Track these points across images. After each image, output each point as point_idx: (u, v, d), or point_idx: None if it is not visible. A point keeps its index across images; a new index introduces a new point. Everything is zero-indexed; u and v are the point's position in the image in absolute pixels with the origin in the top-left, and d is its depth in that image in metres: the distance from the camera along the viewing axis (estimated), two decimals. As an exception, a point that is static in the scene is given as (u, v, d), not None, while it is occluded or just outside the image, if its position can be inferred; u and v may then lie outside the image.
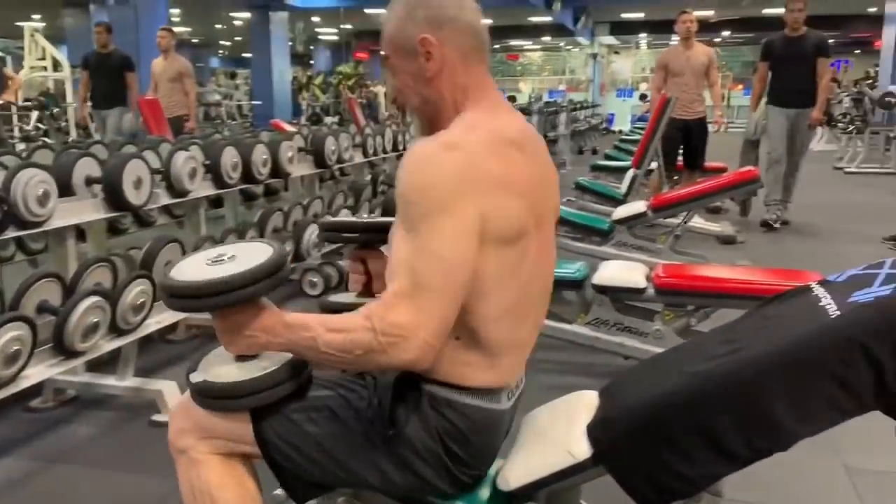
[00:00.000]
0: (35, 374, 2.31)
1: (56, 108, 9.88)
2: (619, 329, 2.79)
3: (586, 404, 1.28)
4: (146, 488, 2.12)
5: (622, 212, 4.29)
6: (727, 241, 5.07)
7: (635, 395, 1.23)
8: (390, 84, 1.30)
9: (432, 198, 1.10)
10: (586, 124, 13.12)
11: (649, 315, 2.81)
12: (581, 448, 1.21)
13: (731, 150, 6.86)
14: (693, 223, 4.81)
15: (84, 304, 2.36)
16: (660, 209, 4.16)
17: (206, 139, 4.70)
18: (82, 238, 3.27)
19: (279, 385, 1.23)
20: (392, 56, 1.27)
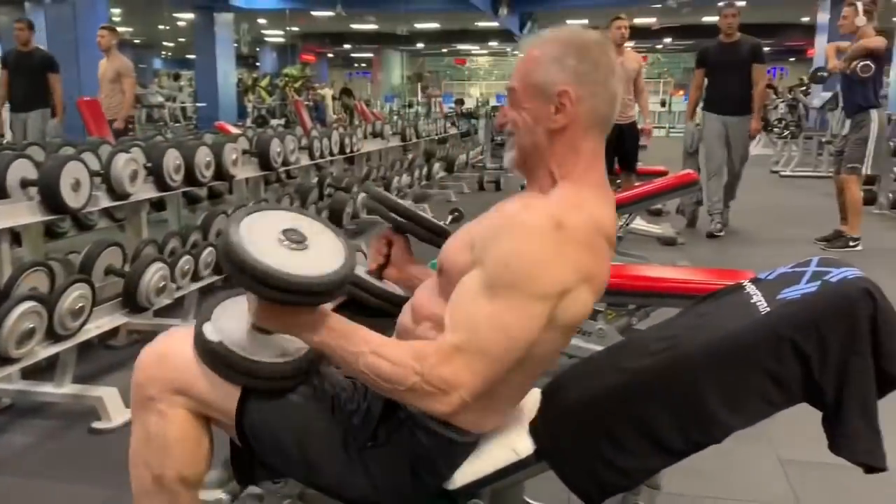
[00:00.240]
0: (-33, 382, 2.23)
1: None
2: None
3: (529, 402, 1.30)
4: (86, 498, 2.07)
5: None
6: (668, 242, 5.19)
7: (576, 392, 1.25)
8: (505, 111, 1.28)
9: (528, 276, 1.09)
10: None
11: (593, 314, 2.85)
12: (524, 445, 1.23)
13: (674, 154, 7.02)
14: (635, 225, 4.91)
15: (18, 310, 2.29)
16: None
17: (148, 141, 4.61)
18: (18, 242, 3.18)
19: (296, 377, 1.21)
20: (522, 90, 1.23)
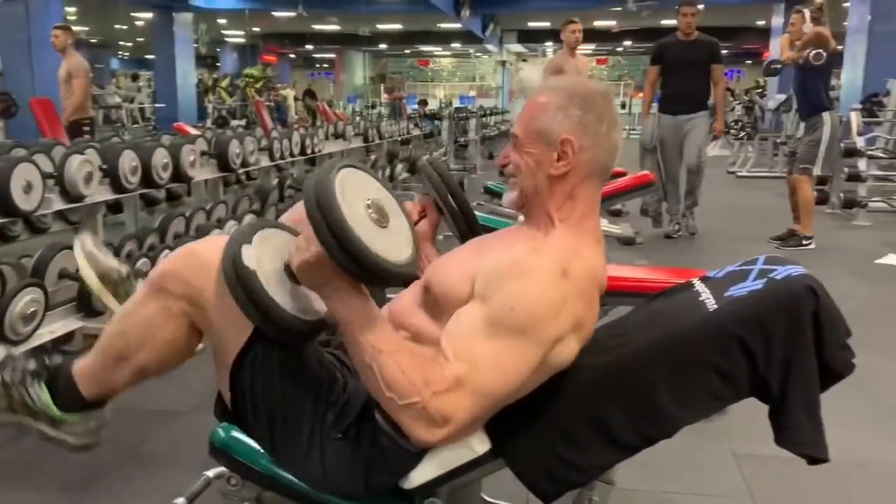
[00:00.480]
0: (-86, 390, 2.17)
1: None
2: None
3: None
4: (39, 506, 2.03)
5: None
6: (627, 242, 5.25)
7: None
8: (508, 153, 1.30)
9: (531, 321, 1.11)
10: (496, 130, 13.33)
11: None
12: (480, 443, 1.24)
13: (634, 155, 7.09)
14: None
15: (-32, 315, 2.25)
16: None
17: (104, 142, 4.53)
18: (-33, 246, 3.11)
19: (306, 338, 1.18)
20: (525, 135, 1.25)
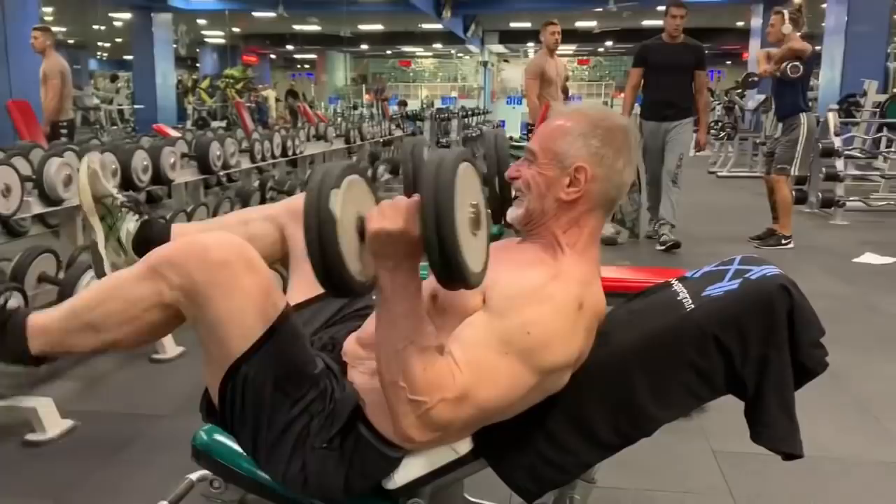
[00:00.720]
0: None
1: None
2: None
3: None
4: (20, 511, 2.02)
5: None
6: (609, 242, 5.28)
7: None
8: (520, 168, 1.29)
9: (543, 347, 1.11)
10: (478, 131, 13.36)
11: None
12: (463, 443, 1.25)
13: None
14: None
15: (-53, 320, 2.22)
16: None
17: (83, 145, 4.50)
18: (-56, 250, 3.08)
19: (348, 295, 1.13)
20: (542, 153, 1.25)
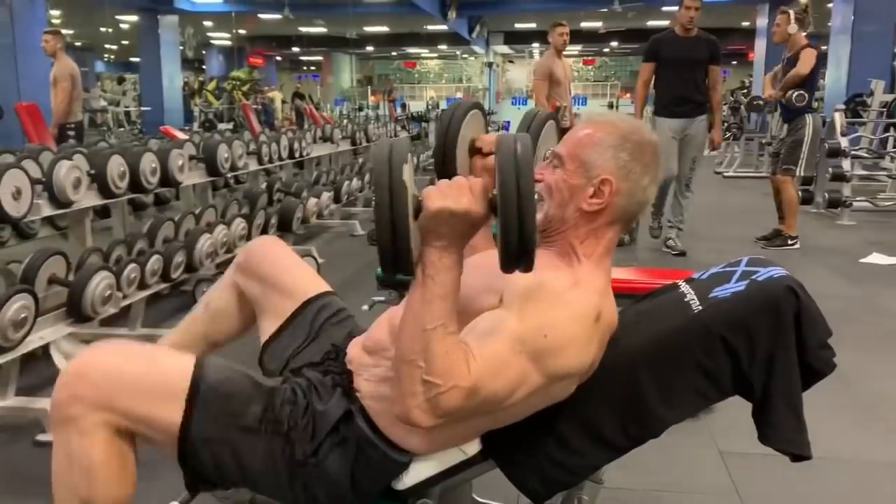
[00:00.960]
0: None
1: None
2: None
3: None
4: (31, 511, 2.03)
5: None
6: (617, 243, 5.29)
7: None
8: (543, 171, 1.26)
9: (556, 351, 1.10)
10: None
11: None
12: (471, 444, 1.26)
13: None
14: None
15: (-41, 322, 2.25)
16: None
17: (91, 147, 4.53)
18: (-45, 252, 3.11)
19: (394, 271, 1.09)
20: (569, 159, 1.23)
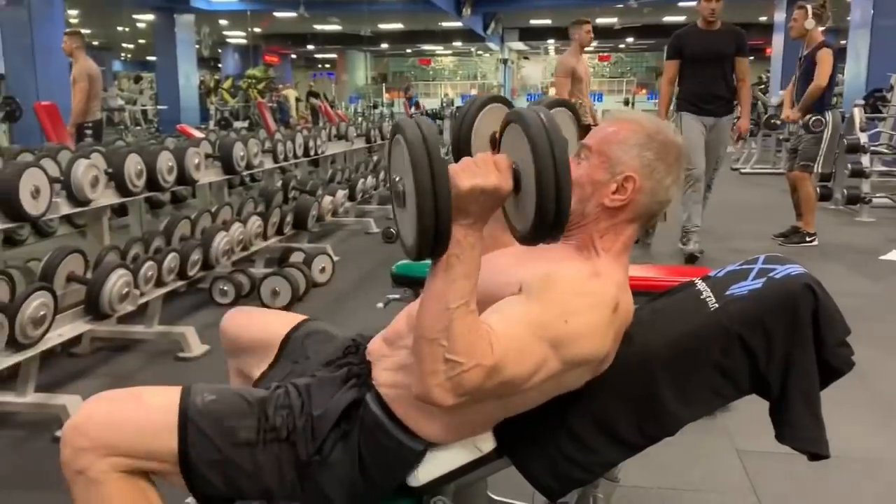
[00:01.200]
0: (-74, 393, 2.20)
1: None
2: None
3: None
4: (51, 507, 2.06)
5: None
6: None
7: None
8: (572, 159, 1.23)
9: (576, 338, 1.11)
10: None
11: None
12: (486, 442, 1.26)
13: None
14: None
15: (-21, 319, 2.28)
16: None
17: (109, 146, 4.57)
18: (-24, 250, 3.14)
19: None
20: (598, 154, 1.25)
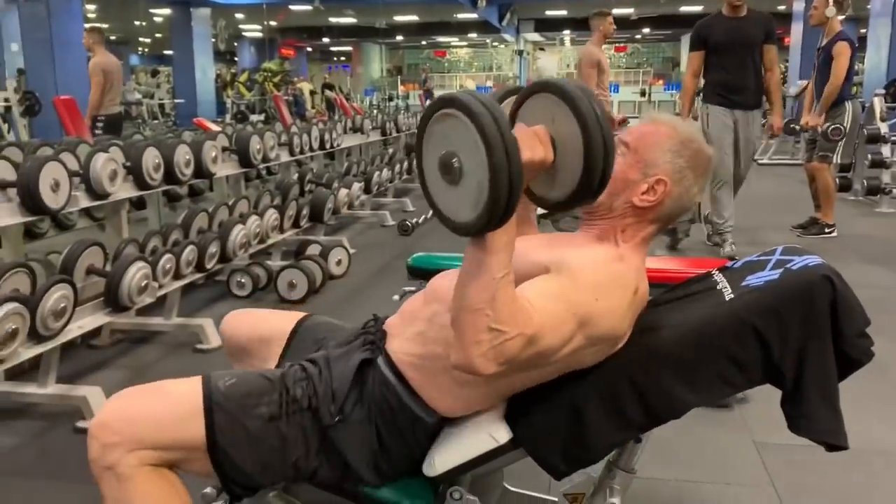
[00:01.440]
0: (-50, 384, 2.24)
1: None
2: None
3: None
4: (72, 496, 2.09)
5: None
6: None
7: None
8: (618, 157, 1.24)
9: (601, 315, 1.14)
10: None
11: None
12: (501, 432, 1.27)
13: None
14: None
15: (1, 312, 2.29)
16: None
17: (127, 140, 4.61)
18: (-3, 243, 3.18)
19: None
20: (634, 152, 1.29)
